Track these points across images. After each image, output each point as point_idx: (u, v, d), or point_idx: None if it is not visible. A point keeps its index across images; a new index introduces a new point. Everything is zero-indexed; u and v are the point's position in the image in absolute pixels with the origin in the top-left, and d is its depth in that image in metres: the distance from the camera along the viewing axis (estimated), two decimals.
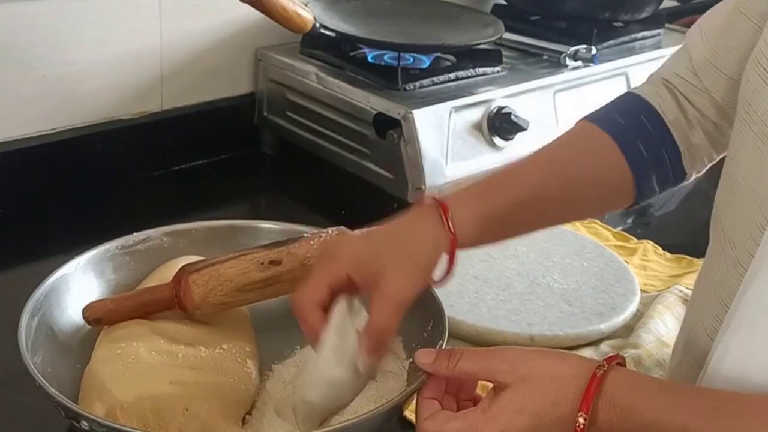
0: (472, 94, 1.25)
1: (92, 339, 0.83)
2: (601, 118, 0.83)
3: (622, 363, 0.67)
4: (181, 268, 0.83)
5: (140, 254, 0.91)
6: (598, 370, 0.64)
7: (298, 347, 0.85)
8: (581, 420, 0.63)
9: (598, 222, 1.25)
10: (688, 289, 1.06)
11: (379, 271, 0.73)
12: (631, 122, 0.81)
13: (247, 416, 0.79)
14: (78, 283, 0.86)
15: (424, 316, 0.84)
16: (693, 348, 0.74)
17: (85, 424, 0.69)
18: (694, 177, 0.84)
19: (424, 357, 0.72)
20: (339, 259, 0.75)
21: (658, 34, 1.56)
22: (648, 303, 1.05)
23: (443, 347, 0.78)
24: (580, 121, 0.84)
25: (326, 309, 0.75)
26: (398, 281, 0.73)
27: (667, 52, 1.50)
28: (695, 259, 1.16)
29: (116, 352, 0.79)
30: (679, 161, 0.82)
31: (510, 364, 0.67)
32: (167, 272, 0.87)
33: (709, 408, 0.62)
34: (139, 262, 0.91)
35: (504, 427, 0.66)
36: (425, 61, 1.31)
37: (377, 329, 0.73)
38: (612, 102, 0.85)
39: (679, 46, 0.86)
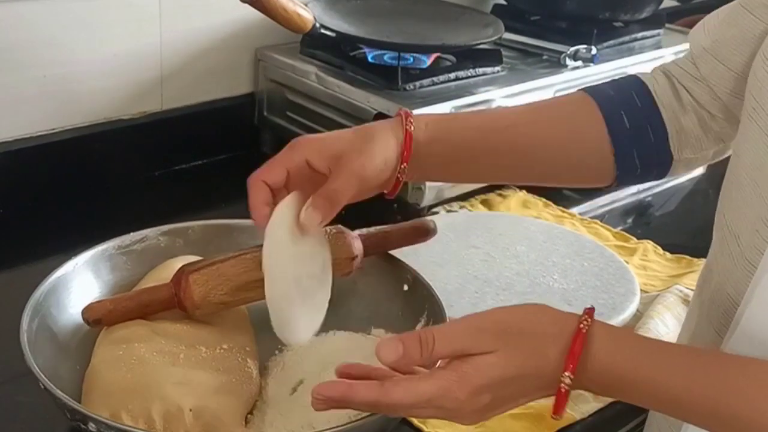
0: (472, 94, 1.25)
1: (92, 339, 0.83)
2: (594, 88, 0.85)
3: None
4: (181, 268, 0.83)
5: (137, 254, 0.91)
6: (582, 326, 0.62)
7: None
8: (567, 381, 0.61)
9: (599, 222, 1.25)
10: (688, 289, 1.06)
11: (340, 153, 0.76)
12: (620, 95, 0.83)
13: (248, 415, 0.79)
14: (76, 284, 0.85)
15: (423, 316, 0.84)
16: (700, 344, 0.74)
17: (92, 426, 0.69)
18: (683, 161, 0.84)
19: (390, 353, 0.63)
20: (300, 147, 0.78)
21: (658, 34, 1.56)
22: (648, 303, 1.05)
23: None
24: (577, 90, 0.86)
25: (277, 192, 0.78)
26: (361, 159, 0.75)
27: (667, 52, 1.52)
28: (695, 259, 1.16)
29: (118, 353, 0.78)
30: (665, 142, 0.82)
31: (490, 336, 0.62)
32: (165, 272, 0.87)
33: (693, 366, 0.61)
34: (136, 262, 0.91)
35: (481, 390, 0.61)
36: (425, 61, 1.31)
37: (332, 188, 0.74)
38: (611, 80, 0.88)
39: (679, 46, 0.86)
